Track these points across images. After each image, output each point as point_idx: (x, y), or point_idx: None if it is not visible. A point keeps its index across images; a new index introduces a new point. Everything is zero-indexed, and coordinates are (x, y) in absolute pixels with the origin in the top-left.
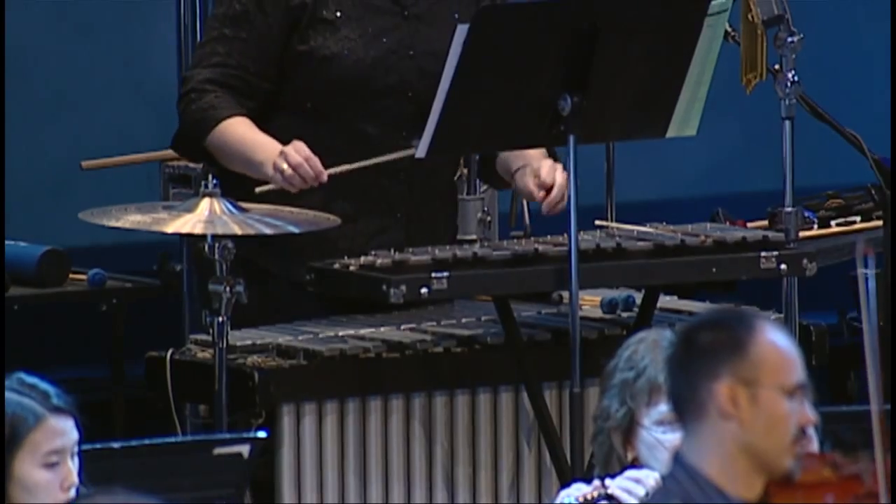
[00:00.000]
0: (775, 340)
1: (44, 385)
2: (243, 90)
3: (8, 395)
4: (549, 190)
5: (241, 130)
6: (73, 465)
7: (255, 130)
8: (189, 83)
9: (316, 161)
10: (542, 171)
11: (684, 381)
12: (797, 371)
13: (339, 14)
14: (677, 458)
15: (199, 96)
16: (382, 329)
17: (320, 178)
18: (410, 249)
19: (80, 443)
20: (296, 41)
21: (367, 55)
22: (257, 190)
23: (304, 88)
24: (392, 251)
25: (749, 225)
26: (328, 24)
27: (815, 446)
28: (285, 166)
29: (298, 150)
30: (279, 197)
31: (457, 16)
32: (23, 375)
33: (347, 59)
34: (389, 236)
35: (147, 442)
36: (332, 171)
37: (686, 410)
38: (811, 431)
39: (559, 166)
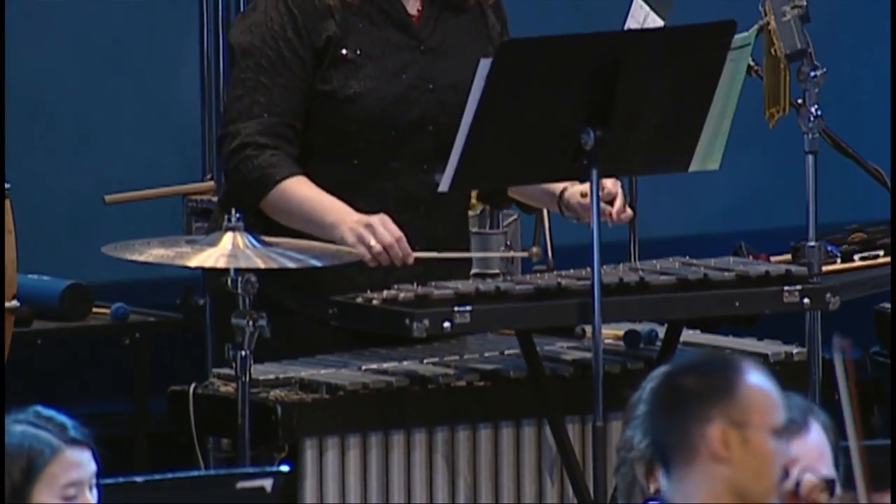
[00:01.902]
0: (761, 382)
1: (60, 417)
2: (290, 138)
3: (24, 428)
4: (612, 202)
5: (305, 191)
6: (91, 497)
7: (319, 191)
8: (238, 138)
9: (405, 242)
10: (607, 182)
11: (672, 426)
12: (781, 411)
13: (358, 52)
14: None
15: (257, 153)
16: (405, 363)
17: (407, 261)
18: (433, 283)
19: (98, 475)
20: (318, 81)
21: (388, 93)
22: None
23: (326, 127)
24: (415, 285)
25: (772, 259)
26: (349, 64)
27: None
28: (374, 243)
29: (388, 228)
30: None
31: (470, 47)
32: (39, 408)
33: (370, 98)
34: (408, 270)
35: (170, 476)
36: (419, 255)
37: (673, 456)
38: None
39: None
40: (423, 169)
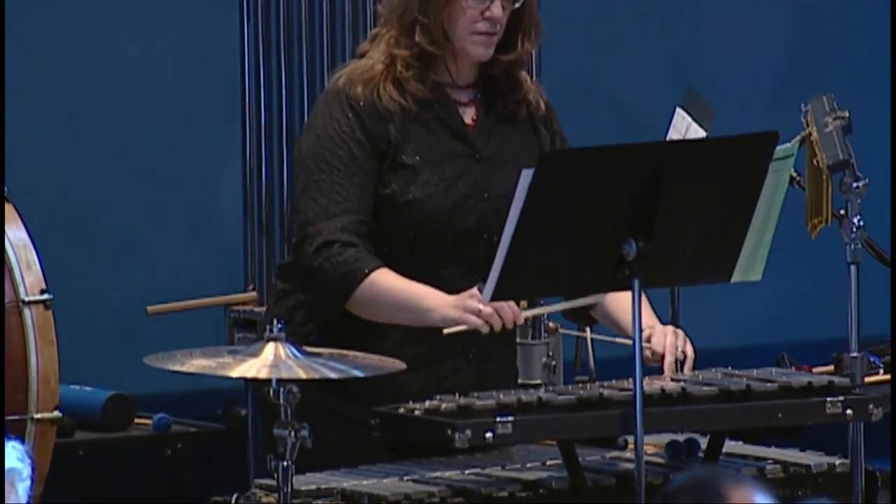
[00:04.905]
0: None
1: None
2: (367, 235)
3: None
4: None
5: (394, 281)
6: None
7: (408, 281)
8: (319, 237)
9: (513, 303)
10: (652, 339)
11: None
12: None
13: (418, 158)
14: None
15: (341, 251)
16: (447, 473)
17: (517, 319)
18: (475, 394)
19: None
20: (378, 185)
21: (446, 200)
22: (446, 331)
23: (382, 232)
24: (457, 396)
25: (815, 370)
26: (408, 169)
27: None
28: (483, 306)
29: None
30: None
31: (523, 157)
32: None
33: (428, 204)
34: (461, 378)
35: None
36: (529, 313)
37: None
38: None
39: (669, 330)
40: (476, 278)
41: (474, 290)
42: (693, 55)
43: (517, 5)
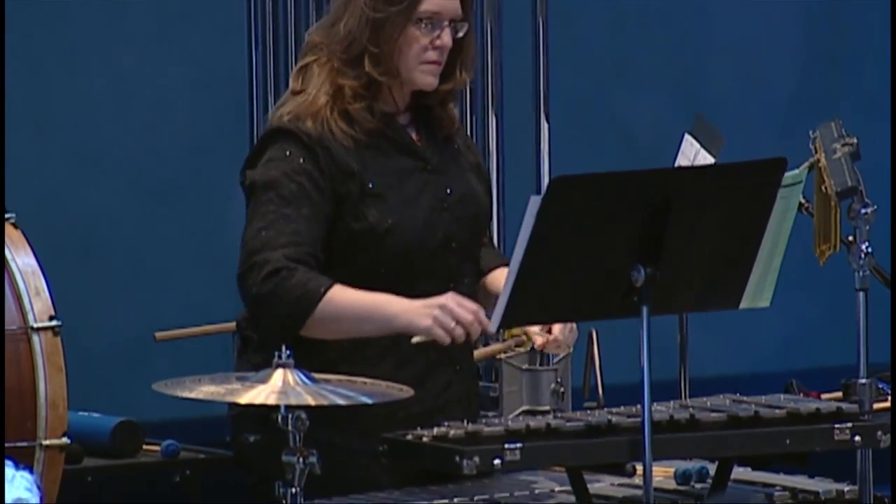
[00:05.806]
0: None
1: None
2: (314, 265)
3: None
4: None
5: (351, 295)
6: None
7: (366, 292)
8: (268, 265)
9: (482, 313)
10: (554, 329)
11: None
12: None
13: (382, 185)
14: None
15: (291, 274)
16: (455, 500)
17: (488, 330)
18: (483, 420)
19: None
20: (350, 220)
21: (417, 219)
22: (414, 340)
23: (367, 264)
24: (465, 422)
25: (823, 397)
26: (378, 198)
27: None
28: (454, 325)
29: (464, 305)
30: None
31: (463, 162)
32: None
33: (404, 227)
34: (454, 390)
35: None
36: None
37: None
38: None
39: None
40: (450, 287)
41: (446, 298)
42: (701, 82)
43: (461, 34)
